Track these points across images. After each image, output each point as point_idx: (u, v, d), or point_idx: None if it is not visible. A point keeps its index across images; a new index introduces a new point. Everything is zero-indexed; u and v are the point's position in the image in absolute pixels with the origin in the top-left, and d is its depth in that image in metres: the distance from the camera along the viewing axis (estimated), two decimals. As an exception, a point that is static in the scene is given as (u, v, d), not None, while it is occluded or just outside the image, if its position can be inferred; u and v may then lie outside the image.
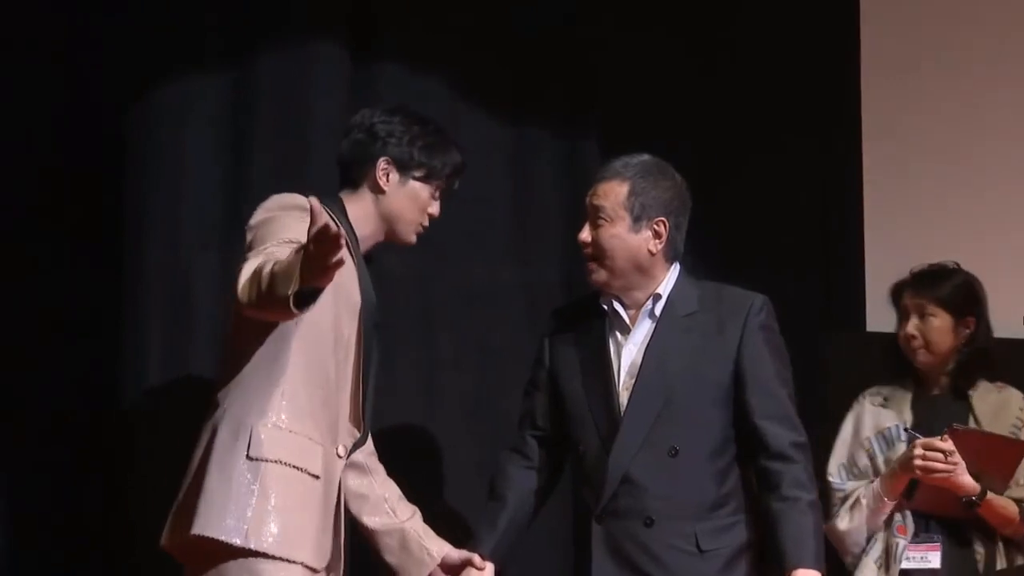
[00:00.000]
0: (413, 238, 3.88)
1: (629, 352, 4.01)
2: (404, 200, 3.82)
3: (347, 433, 3.74)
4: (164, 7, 4.57)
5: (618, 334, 4.04)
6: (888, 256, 5.04)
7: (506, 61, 4.86)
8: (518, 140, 4.88)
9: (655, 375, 3.96)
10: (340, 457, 3.72)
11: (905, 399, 4.42)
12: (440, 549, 3.98)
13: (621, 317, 4.03)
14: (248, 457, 3.54)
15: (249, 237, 3.61)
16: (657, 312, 4.02)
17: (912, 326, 4.39)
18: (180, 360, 4.54)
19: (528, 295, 4.89)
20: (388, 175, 3.80)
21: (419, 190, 3.83)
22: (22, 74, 4.56)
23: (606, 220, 3.99)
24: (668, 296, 4.02)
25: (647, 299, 4.02)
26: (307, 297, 3.29)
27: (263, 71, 4.65)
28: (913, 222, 5.12)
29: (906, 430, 4.35)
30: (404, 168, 3.81)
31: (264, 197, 4.44)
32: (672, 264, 4.05)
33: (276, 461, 3.56)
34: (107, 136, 4.58)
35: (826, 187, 5.13)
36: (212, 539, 3.51)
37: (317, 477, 3.62)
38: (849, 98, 5.17)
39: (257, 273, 3.37)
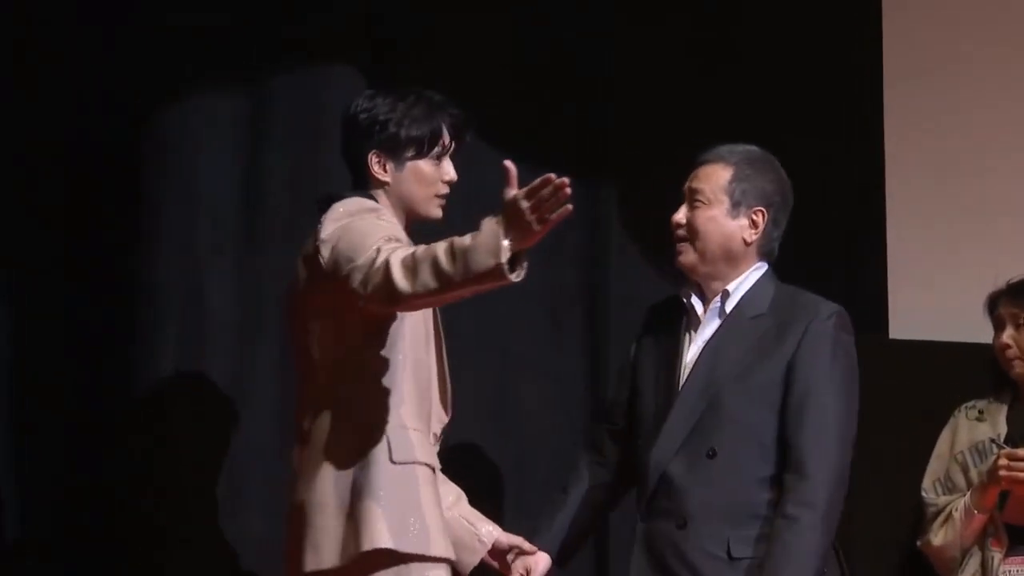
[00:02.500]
0: (438, 211, 3.74)
1: (692, 352, 3.94)
2: (409, 183, 3.69)
3: (438, 419, 3.70)
4: (185, 15, 4.53)
5: (692, 331, 3.97)
6: (911, 262, 4.99)
7: (518, 70, 4.81)
8: (536, 145, 4.73)
9: (703, 374, 3.88)
10: (434, 444, 3.68)
11: (1001, 411, 4.39)
12: (490, 533, 3.88)
13: (695, 312, 3.96)
14: (392, 462, 3.50)
15: (328, 251, 3.48)
16: (727, 310, 3.94)
17: (1007, 336, 4.36)
18: (194, 365, 4.49)
19: (548, 298, 4.82)
20: (384, 166, 3.68)
21: (420, 167, 3.69)
22: (40, 79, 4.50)
23: (703, 203, 3.92)
24: (742, 296, 3.94)
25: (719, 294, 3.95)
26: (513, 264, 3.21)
27: (280, 77, 4.59)
28: (937, 228, 5.03)
29: (993, 441, 4.32)
30: (395, 154, 3.68)
31: (278, 203, 4.55)
32: (760, 261, 3.97)
33: (415, 462, 3.53)
34: (123, 141, 4.52)
35: (847, 192, 5.03)
36: (383, 551, 3.46)
37: (435, 471, 3.62)
38: (872, 99, 5.08)
39: (419, 260, 3.26)
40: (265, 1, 4.61)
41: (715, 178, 3.94)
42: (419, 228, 3.75)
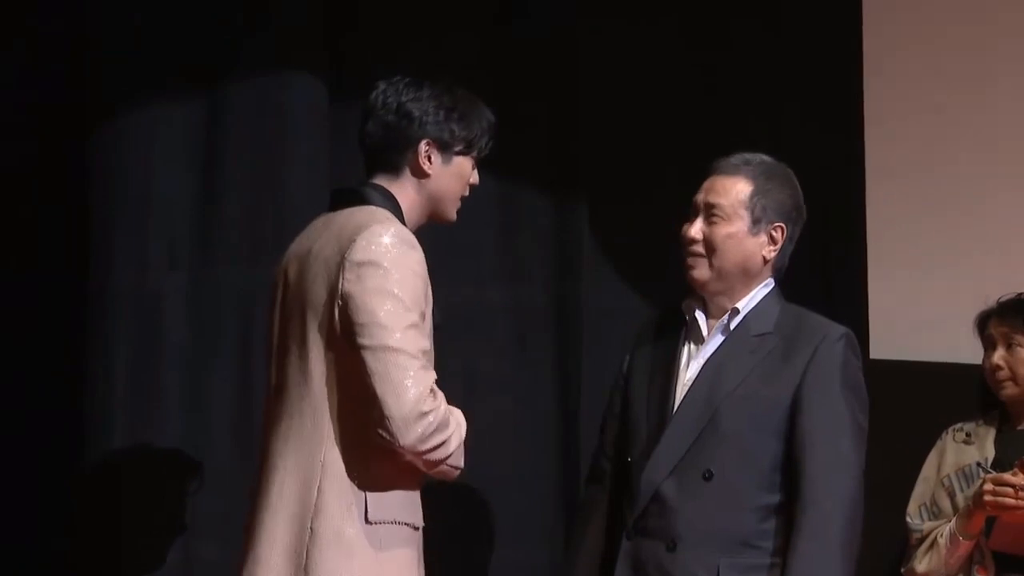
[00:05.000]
0: (455, 214, 3.65)
1: (693, 369, 3.80)
2: (450, 178, 3.58)
3: None
4: (135, 26, 4.47)
5: (692, 345, 3.84)
6: (892, 281, 4.92)
7: (482, 78, 4.60)
8: (503, 157, 4.65)
9: (704, 392, 3.74)
10: None
11: (988, 434, 4.26)
12: None
13: (698, 327, 3.83)
14: (367, 521, 3.34)
15: (350, 304, 3.31)
16: (732, 327, 3.81)
17: (998, 357, 4.23)
18: (148, 385, 4.42)
19: (516, 315, 4.75)
20: (431, 157, 3.55)
21: (462, 164, 3.60)
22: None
23: (722, 218, 3.77)
24: (747, 313, 3.81)
25: (728, 311, 3.82)
26: None
27: (235, 89, 4.52)
28: (918, 246, 4.95)
29: (979, 465, 4.20)
30: (446, 147, 3.56)
31: (234, 217, 4.49)
32: (770, 278, 3.85)
33: (393, 522, 3.39)
34: (74, 154, 4.46)
35: (827, 209, 4.85)
36: None
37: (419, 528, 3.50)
38: (852, 117, 5.01)
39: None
40: (219, 7, 4.53)
41: (734, 192, 3.80)
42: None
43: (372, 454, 3.33)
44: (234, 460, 4.38)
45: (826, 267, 4.90)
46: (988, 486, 4.06)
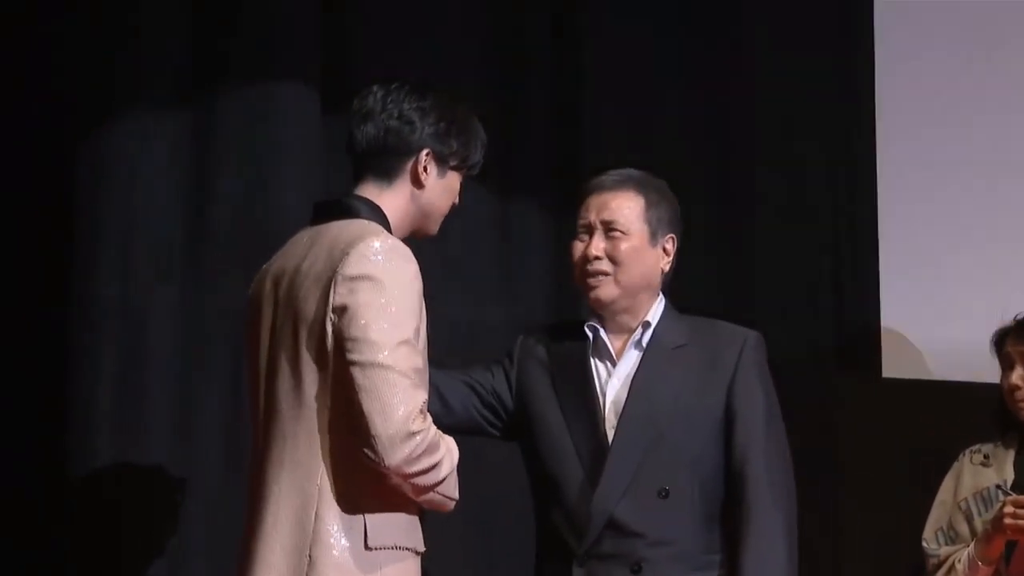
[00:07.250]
0: (437, 230, 3.56)
1: (614, 386, 3.76)
2: (441, 192, 3.49)
3: None
4: (124, 35, 4.39)
5: (602, 365, 3.80)
6: (904, 299, 4.90)
7: (479, 86, 4.67)
8: (502, 164, 4.64)
9: (642, 411, 3.71)
10: None
11: (1007, 456, 4.16)
12: None
13: (607, 346, 3.79)
14: (368, 548, 3.25)
15: (343, 321, 3.20)
16: (644, 343, 3.78)
17: (1017, 376, 4.13)
18: (134, 401, 4.31)
19: (516, 332, 4.47)
20: (427, 168, 3.46)
21: (454, 179, 3.51)
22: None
23: (624, 233, 3.75)
24: (655, 326, 3.79)
25: (636, 327, 3.78)
26: None
27: (228, 96, 4.44)
28: (931, 265, 4.94)
29: (999, 487, 4.12)
30: (443, 160, 3.47)
31: (225, 228, 4.41)
32: (660, 291, 3.84)
33: (394, 547, 3.30)
34: (59, 163, 4.37)
35: (839, 228, 4.94)
36: None
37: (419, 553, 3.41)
38: (864, 135, 4.99)
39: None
40: (212, 13, 4.46)
41: (628, 207, 3.79)
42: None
43: (371, 476, 3.22)
44: (223, 481, 4.30)
45: (840, 288, 4.91)
46: (1008, 509, 3.98)
